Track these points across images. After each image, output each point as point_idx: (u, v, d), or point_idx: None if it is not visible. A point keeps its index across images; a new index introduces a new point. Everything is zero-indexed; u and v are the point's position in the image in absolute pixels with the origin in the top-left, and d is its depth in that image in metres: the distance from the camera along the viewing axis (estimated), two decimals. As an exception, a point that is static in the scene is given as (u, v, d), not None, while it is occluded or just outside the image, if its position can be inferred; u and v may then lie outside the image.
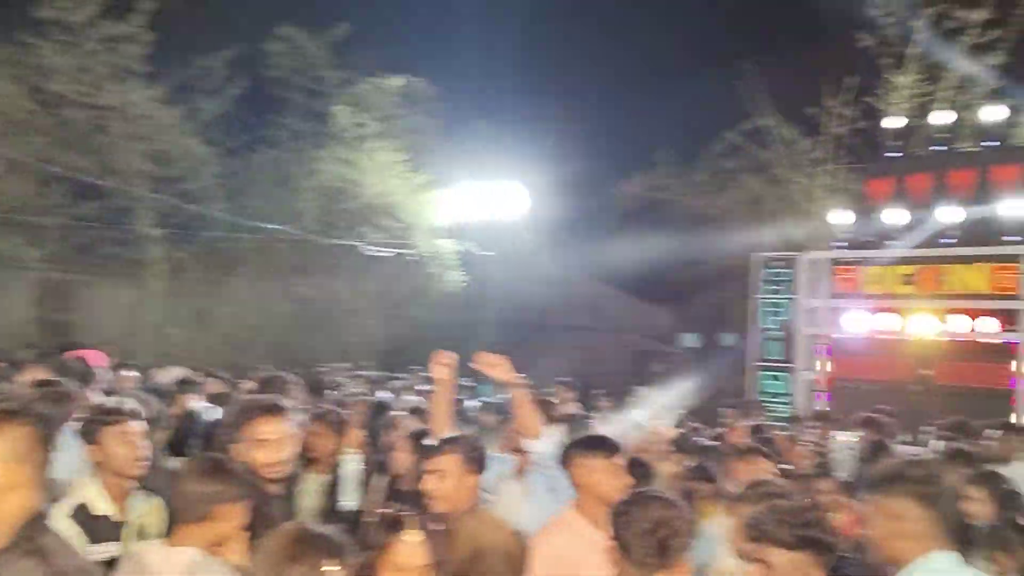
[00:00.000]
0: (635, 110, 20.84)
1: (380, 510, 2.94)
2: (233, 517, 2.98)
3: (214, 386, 7.75)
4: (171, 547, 2.95)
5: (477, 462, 3.83)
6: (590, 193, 20.43)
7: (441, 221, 16.50)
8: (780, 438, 7.09)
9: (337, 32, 17.77)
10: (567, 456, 3.85)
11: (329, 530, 2.37)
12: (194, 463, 3.21)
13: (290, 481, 4.21)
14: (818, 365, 12.58)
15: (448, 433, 4.38)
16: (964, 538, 4.53)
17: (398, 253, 16.93)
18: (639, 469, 4.32)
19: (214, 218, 17.17)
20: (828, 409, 10.94)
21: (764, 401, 12.57)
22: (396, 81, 16.99)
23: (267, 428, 3.58)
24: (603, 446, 3.80)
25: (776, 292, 13.19)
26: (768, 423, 9.35)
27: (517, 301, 20.48)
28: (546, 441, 4.31)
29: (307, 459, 4.86)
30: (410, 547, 2.74)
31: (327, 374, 12.02)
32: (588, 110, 21.41)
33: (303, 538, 2.30)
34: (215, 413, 5.92)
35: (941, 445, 6.83)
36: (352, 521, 4.33)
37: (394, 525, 2.80)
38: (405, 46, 19.02)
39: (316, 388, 8.84)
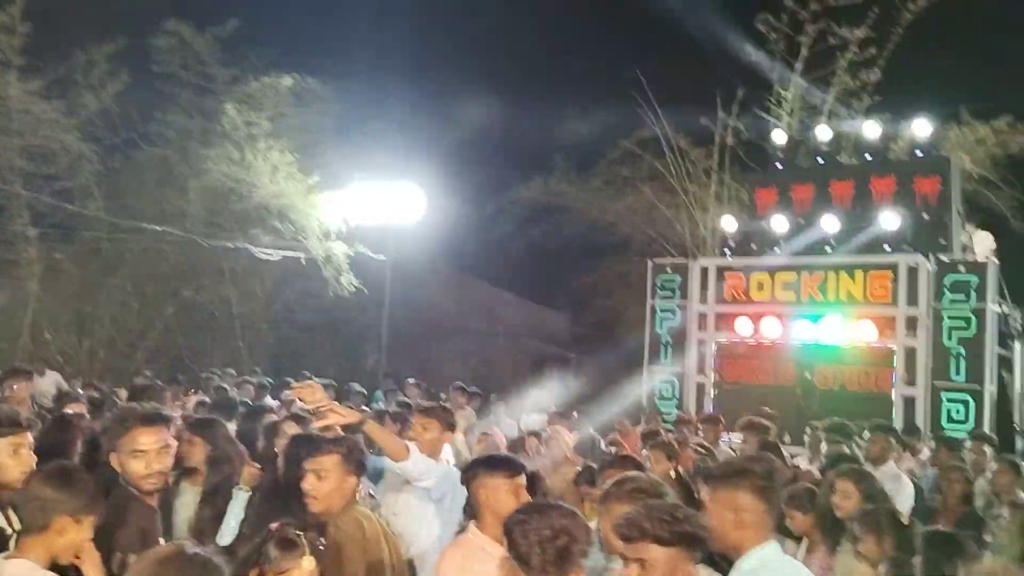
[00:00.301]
0: (532, 115, 20.94)
1: (277, 525, 2.83)
2: (74, 530, 2.82)
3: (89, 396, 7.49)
4: (7, 559, 2.78)
5: (357, 464, 3.80)
6: (487, 197, 20.47)
7: (334, 223, 16.18)
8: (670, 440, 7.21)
9: (227, 28, 17.27)
10: (470, 475, 3.83)
11: (207, 551, 2.27)
12: (42, 470, 3.07)
13: (166, 493, 4.08)
14: (707, 369, 12.85)
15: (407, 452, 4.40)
16: (834, 527, 4.77)
17: (289, 256, 16.53)
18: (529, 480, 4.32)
19: (94, 218, 16.46)
20: (715, 412, 11.18)
21: (658, 404, 12.84)
22: (287, 80, 16.60)
23: (145, 438, 3.51)
24: (506, 466, 3.78)
25: (668, 298, 13.42)
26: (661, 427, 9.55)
27: (413, 305, 20.30)
28: (415, 459, 4.27)
29: (184, 469, 4.70)
30: (306, 573, 2.70)
31: (212, 380, 11.67)
32: (485, 114, 21.40)
33: (180, 560, 2.21)
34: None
35: (823, 446, 7.04)
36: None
37: (288, 546, 2.72)
38: (297, 44, 18.65)
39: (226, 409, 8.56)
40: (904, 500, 6.68)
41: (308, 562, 2.71)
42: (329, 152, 17.06)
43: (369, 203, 15.65)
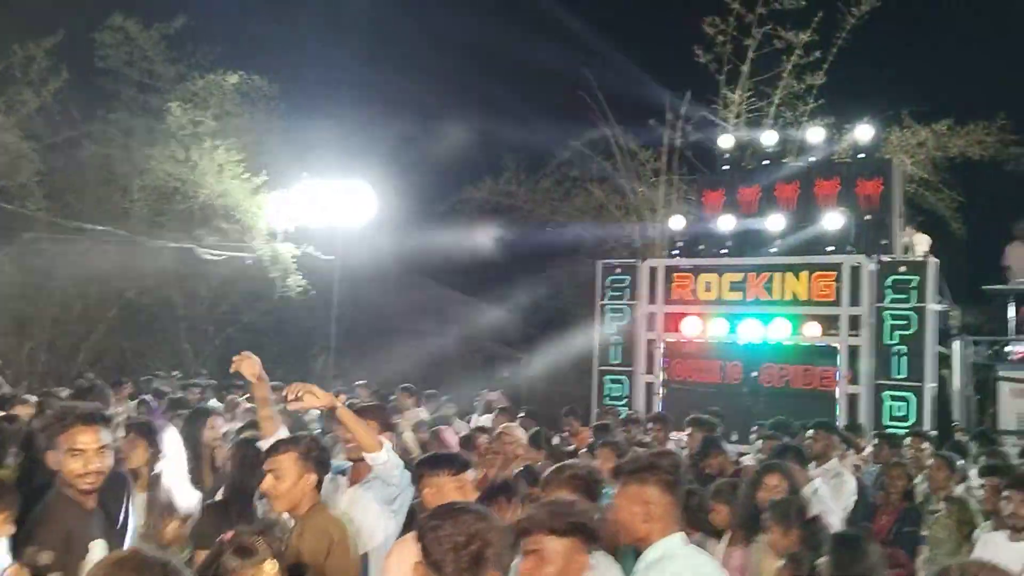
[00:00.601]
0: (482, 115, 20.91)
1: (231, 534, 2.78)
2: None
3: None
4: None
5: (316, 461, 3.77)
6: (437, 197, 20.38)
7: (281, 224, 15.97)
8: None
9: (173, 25, 16.95)
10: (416, 474, 3.82)
11: (165, 556, 2.21)
12: None
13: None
14: (656, 369, 12.94)
15: (278, 434, 4.35)
16: (751, 520, 4.91)
17: (235, 256, 16.28)
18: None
19: (35, 218, 16.04)
20: (664, 411, 11.26)
21: (607, 404, 12.88)
22: (233, 78, 16.34)
23: (83, 437, 3.46)
24: (451, 464, 3.77)
25: (617, 298, 13.49)
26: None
27: (362, 306, 20.14)
28: (388, 452, 4.22)
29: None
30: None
31: (152, 383, 11.47)
32: (435, 113, 21.35)
33: (136, 562, 2.14)
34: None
35: (760, 444, 7.14)
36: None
37: (247, 553, 2.67)
38: (244, 42, 18.32)
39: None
40: (847, 497, 6.80)
41: (271, 566, 2.67)
42: (276, 151, 16.82)
43: (317, 203, 15.47)
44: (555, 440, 8.61)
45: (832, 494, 6.74)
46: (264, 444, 4.22)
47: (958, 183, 18.17)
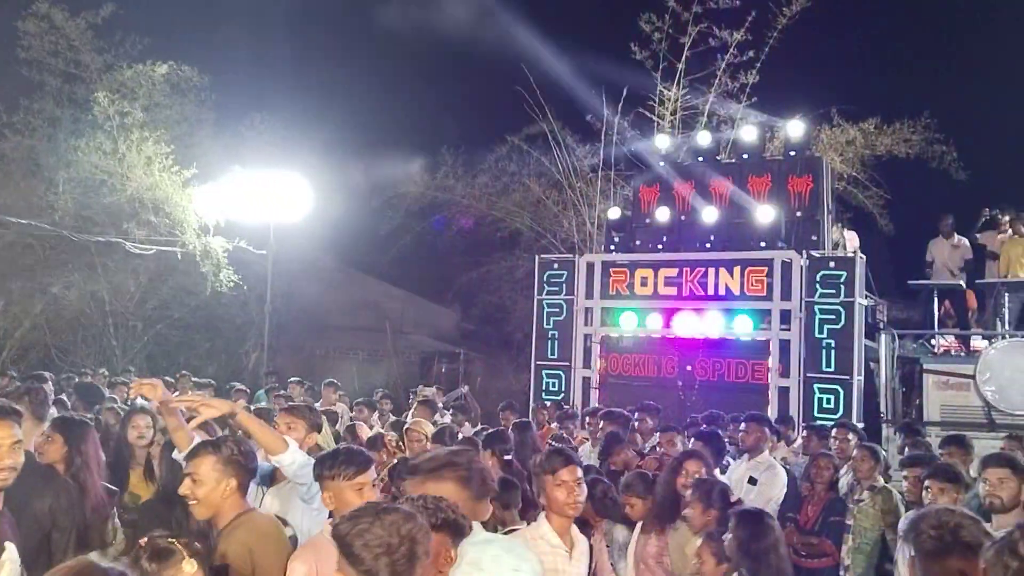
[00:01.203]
0: (420, 109, 20.80)
1: (145, 540, 2.69)
2: None
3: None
4: None
5: (237, 465, 3.64)
6: (374, 191, 20.19)
7: (212, 217, 15.66)
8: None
9: (100, 14, 16.50)
10: (318, 475, 3.74)
11: (118, 566, 2.15)
12: None
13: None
14: (593, 363, 13.00)
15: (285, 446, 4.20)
16: (672, 506, 5.12)
17: (164, 251, 15.92)
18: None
19: (-46, 211, 15.51)
20: (601, 405, 11.33)
21: (545, 398, 12.88)
22: (162, 68, 15.97)
23: None
24: (347, 465, 3.68)
25: (555, 293, 13.51)
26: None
27: (296, 302, 19.89)
28: (294, 453, 4.12)
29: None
30: None
31: (73, 380, 11.15)
32: (372, 106, 21.15)
33: (87, 572, 2.09)
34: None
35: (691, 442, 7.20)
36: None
37: (162, 555, 2.59)
38: (174, 32, 17.93)
39: (88, 396, 8.20)
40: (778, 488, 6.91)
41: (189, 565, 2.60)
42: (207, 143, 16.53)
43: (250, 196, 15.21)
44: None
45: (765, 485, 6.89)
46: (282, 458, 4.16)
47: (885, 180, 18.64)
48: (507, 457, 6.34)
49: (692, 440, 6.83)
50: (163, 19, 17.92)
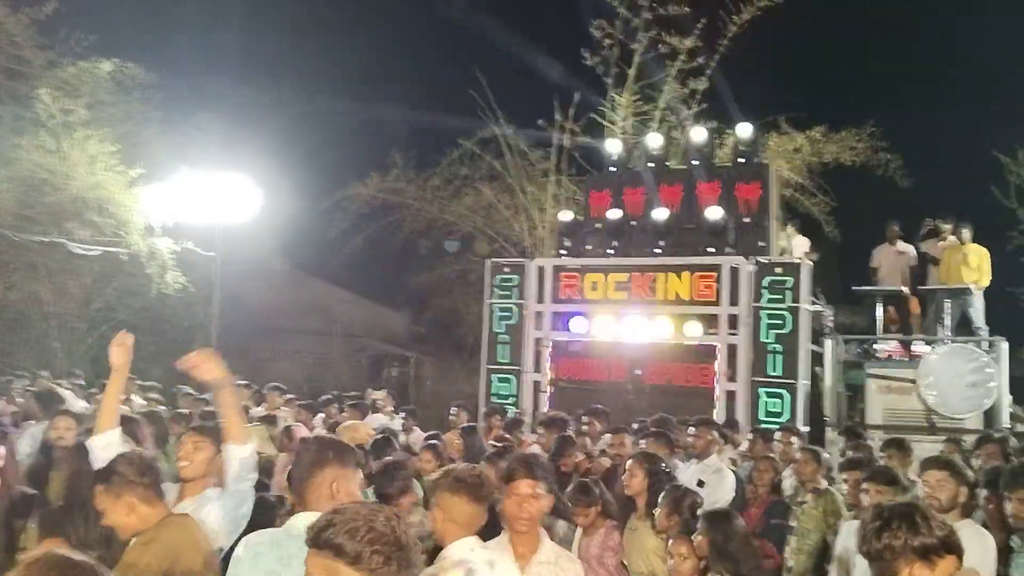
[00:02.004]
0: (370, 111, 20.67)
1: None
2: None
3: None
4: None
5: (130, 485, 3.56)
6: (323, 193, 20.00)
7: (158, 218, 15.38)
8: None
9: (44, 9, 16.13)
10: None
11: (88, 559, 2.08)
12: None
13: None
14: (543, 367, 13.02)
15: (111, 427, 4.16)
16: (624, 507, 5.16)
17: (109, 252, 15.59)
18: None
19: None
20: (550, 409, 11.36)
21: (495, 402, 12.85)
22: (107, 65, 15.65)
23: None
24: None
25: (506, 297, 13.50)
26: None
27: (244, 304, 19.62)
28: (251, 449, 4.01)
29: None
30: None
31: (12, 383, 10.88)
32: (322, 107, 20.97)
33: (62, 565, 2.02)
34: None
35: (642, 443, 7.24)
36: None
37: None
38: (119, 28, 17.59)
39: (48, 402, 7.99)
40: (725, 491, 6.99)
41: None
42: (154, 143, 16.23)
43: (198, 197, 14.96)
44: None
45: (712, 488, 6.96)
46: (95, 441, 4.07)
47: (831, 188, 18.94)
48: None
49: (643, 441, 6.88)
50: (109, 17, 17.57)
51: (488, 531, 3.66)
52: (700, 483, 7.04)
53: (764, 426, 9.84)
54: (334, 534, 2.26)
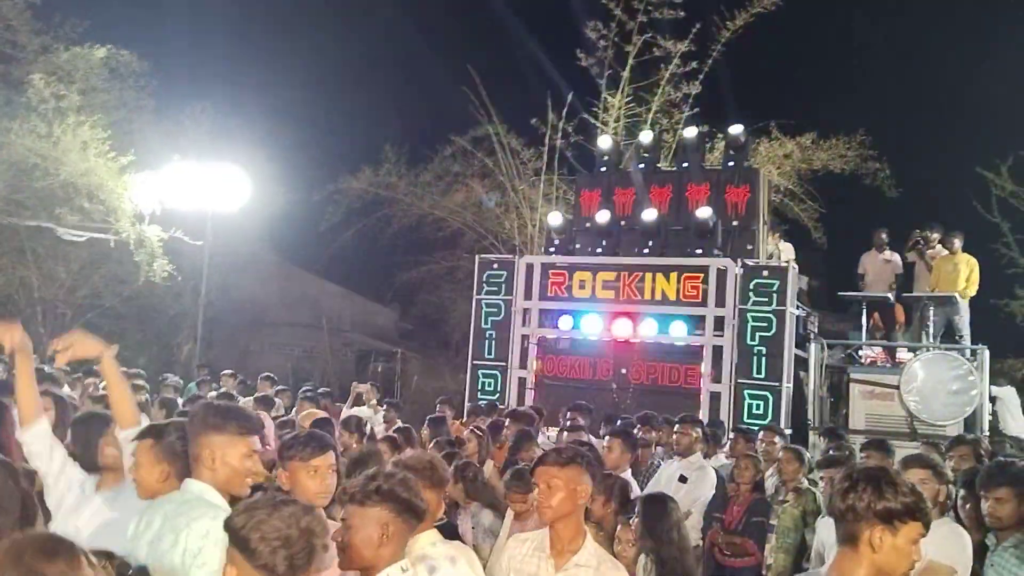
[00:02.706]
0: (364, 105, 20.68)
1: None
2: None
3: None
4: None
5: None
6: (314, 185, 20.01)
7: (148, 206, 15.34)
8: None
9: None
10: (279, 454, 3.67)
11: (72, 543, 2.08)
12: None
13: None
14: (529, 364, 13.06)
15: (36, 417, 3.77)
16: None
17: (97, 238, 15.54)
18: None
19: None
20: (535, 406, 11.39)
21: (481, 398, 12.88)
22: (100, 51, 15.61)
23: None
24: (311, 444, 3.56)
25: (494, 293, 13.53)
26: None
27: (232, 294, 19.59)
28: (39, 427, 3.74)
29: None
30: None
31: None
32: (315, 99, 20.97)
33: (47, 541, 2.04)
34: None
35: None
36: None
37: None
38: (113, 15, 17.57)
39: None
40: (707, 487, 7.06)
41: None
42: (146, 130, 16.21)
43: (188, 186, 14.94)
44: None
45: (694, 484, 7.03)
46: (23, 436, 3.73)
47: (820, 195, 19.07)
48: None
49: (607, 437, 6.96)
50: (103, 4, 17.56)
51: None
52: (683, 479, 7.12)
53: (745, 426, 9.90)
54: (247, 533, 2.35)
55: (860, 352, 12.85)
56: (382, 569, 2.86)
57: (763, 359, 11.54)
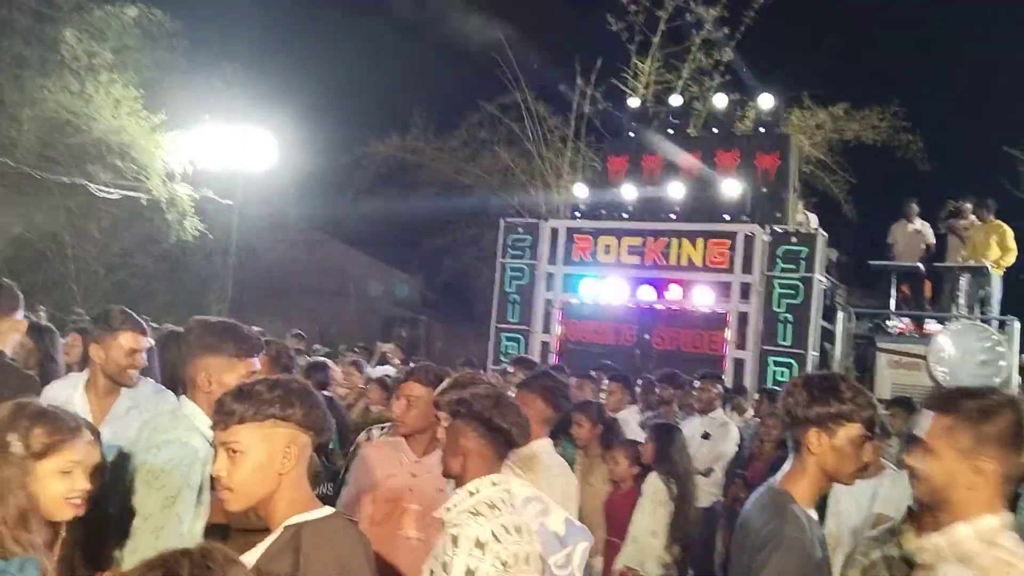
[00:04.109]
0: (393, 70, 20.65)
1: None
2: None
3: None
4: None
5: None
6: (342, 149, 20.02)
7: (179, 165, 15.46)
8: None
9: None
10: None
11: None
12: None
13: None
14: (552, 328, 13.07)
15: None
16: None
17: (130, 196, 15.70)
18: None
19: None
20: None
21: (503, 362, 12.90)
22: (132, 10, 15.69)
23: None
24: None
25: (518, 257, 13.53)
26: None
27: (261, 258, 19.73)
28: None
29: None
30: None
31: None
32: (344, 63, 20.94)
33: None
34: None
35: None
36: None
37: None
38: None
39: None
40: (730, 444, 7.10)
41: None
42: (177, 90, 16.27)
43: (218, 146, 15.05)
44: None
45: (717, 441, 7.06)
46: None
47: (851, 166, 18.84)
48: None
49: (607, 381, 7.06)
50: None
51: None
52: (706, 435, 7.14)
53: (770, 387, 9.87)
54: None
55: (888, 322, 12.75)
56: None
57: (789, 326, 11.49)
